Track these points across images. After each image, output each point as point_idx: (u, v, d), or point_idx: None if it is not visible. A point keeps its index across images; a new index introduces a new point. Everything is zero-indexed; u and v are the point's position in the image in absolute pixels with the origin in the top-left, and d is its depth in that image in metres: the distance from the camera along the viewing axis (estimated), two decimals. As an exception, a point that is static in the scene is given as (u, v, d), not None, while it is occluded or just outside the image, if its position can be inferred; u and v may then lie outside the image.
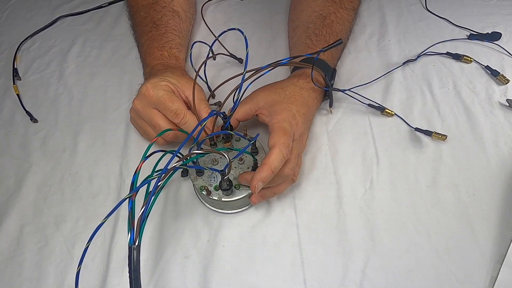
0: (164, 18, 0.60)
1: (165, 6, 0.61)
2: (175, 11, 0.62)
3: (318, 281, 0.43)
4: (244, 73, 0.42)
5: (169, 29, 0.59)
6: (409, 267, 0.43)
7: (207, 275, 0.44)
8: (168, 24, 0.59)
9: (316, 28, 0.56)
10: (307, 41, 0.56)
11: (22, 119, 0.60)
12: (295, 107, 0.47)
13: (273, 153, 0.41)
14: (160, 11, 0.61)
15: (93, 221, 0.48)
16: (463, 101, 0.57)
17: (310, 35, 0.56)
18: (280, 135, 0.42)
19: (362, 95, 0.56)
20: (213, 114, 0.43)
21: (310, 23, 0.58)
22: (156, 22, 0.59)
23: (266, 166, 0.40)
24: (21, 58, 0.69)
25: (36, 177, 0.53)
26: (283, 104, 0.47)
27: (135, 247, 0.34)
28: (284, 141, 0.42)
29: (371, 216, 0.47)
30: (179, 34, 0.60)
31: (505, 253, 0.43)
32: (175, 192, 0.50)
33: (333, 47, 0.45)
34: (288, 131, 0.43)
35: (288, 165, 0.43)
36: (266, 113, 0.48)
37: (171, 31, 0.59)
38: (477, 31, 0.65)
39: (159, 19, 0.60)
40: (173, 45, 0.57)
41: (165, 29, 0.59)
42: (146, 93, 0.47)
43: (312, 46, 0.54)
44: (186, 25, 0.64)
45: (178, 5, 0.63)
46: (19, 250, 0.47)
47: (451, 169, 0.50)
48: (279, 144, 0.41)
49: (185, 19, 0.64)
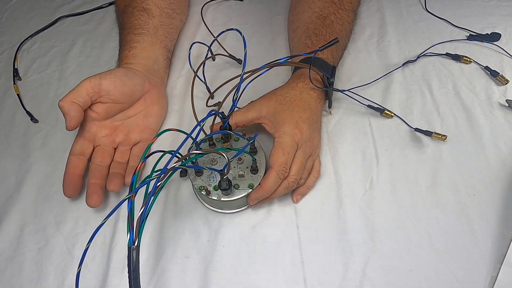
0: (131, 19, 0.58)
1: (136, 7, 0.60)
2: (145, 9, 0.60)
3: (318, 281, 0.43)
4: (242, 74, 0.43)
5: (131, 30, 0.57)
6: (409, 267, 0.43)
7: (207, 275, 0.44)
8: (132, 25, 0.58)
9: (316, 28, 0.56)
10: (307, 41, 0.56)
11: (23, 119, 0.60)
12: (297, 113, 0.47)
13: (269, 176, 0.43)
14: (131, 13, 0.59)
15: (93, 221, 0.48)
16: (462, 101, 0.57)
17: (310, 35, 0.56)
18: (278, 155, 0.43)
19: (362, 96, 0.56)
20: (212, 114, 0.43)
21: (310, 24, 0.58)
22: (124, 25, 0.59)
23: (261, 189, 0.44)
24: (22, 58, 0.69)
25: (36, 177, 0.53)
26: (285, 113, 0.47)
27: (134, 247, 0.34)
28: (281, 162, 0.43)
29: (371, 216, 0.47)
30: (142, 31, 0.57)
31: (505, 253, 0.43)
32: (174, 193, 0.50)
33: (330, 46, 0.45)
34: (288, 147, 0.44)
35: (288, 179, 0.45)
36: (270, 124, 0.48)
37: (132, 32, 0.57)
38: (477, 32, 0.65)
39: (126, 22, 0.59)
40: (127, 47, 0.56)
41: (128, 31, 0.57)
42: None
43: (311, 46, 0.54)
44: (158, 20, 0.60)
45: (151, 3, 0.60)
46: (19, 250, 0.47)
47: (451, 169, 0.50)
48: (275, 167, 0.43)
49: (158, 15, 0.61)
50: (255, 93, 0.58)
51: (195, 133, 0.42)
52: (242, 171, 0.46)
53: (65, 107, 0.45)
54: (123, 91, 0.49)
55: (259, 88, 0.57)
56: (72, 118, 0.45)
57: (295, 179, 0.45)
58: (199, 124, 0.42)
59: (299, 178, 0.46)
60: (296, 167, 0.45)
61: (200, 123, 0.42)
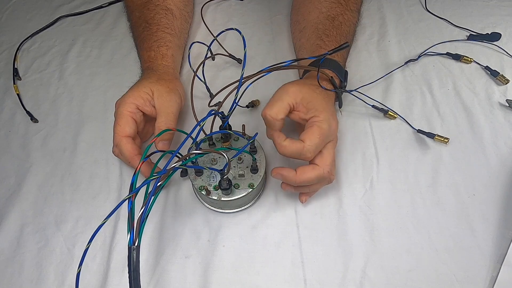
0: (156, 16, 0.60)
1: (158, 5, 0.61)
2: (169, 9, 0.62)
3: (318, 281, 0.43)
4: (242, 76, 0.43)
5: (160, 27, 0.59)
6: (409, 267, 0.43)
7: (207, 275, 0.44)
8: (160, 23, 0.60)
9: (326, 29, 0.56)
10: (318, 42, 0.55)
11: (23, 119, 0.60)
12: (331, 105, 0.47)
13: (312, 170, 0.43)
14: (153, 10, 0.61)
15: (93, 221, 0.48)
16: (463, 101, 0.57)
17: (321, 36, 0.56)
18: (315, 137, 0.42)
19: (367, 95, 0.56)
20: (212, 114, 0.43)
21: (319, 24, 0.57)
22: (149, 21, 0.60)
23: (296, 177, 0.43)
24: (22, 58, 0.69)
25: (36, 177, 0.53)
26: (322, 101, 0.45)
27: (134, 247, 0.34)
28: (327, 162, 0.43)
29: (371, 216, 0.47)
30: (171, 32, 0.60)
31: (505, 253, 0.43)
32: (174, 193, 0.50)
33: (340, 50, 0.44)
34: (325, 134, 0.43)
35: (324, 170, 0.44)
36: (304, 110, 0.45)
37: (162, 30, 0.59)
38: (477, 32, 0.65)
39: (152, 18, 0.60)
40: (162, 43, 0.57)
41: (157, 28, 0.59)
42: (115, 109, 0.50)
43: (324, 46, 0.54)
44: (180, 22, 0.63)
45: (172, 3, 0.63)
46: (19, 250, 0.47)
47: (451, 169, 0.50)
48: (325, 166, 0.43)
49: (179, 17, 0.63)
50: (255, 93, 0.58)
51: (195, 133, 0.42)
52: (242, 170, 0.46)
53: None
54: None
55: (259, 88, 0.57)
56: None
57: (330, 171, 0.44)
58: (199, 124, 0.42)
59: (332, 172, 0.45)
60: (331, 158, 0.44)
61: (200, 123, 0.42)
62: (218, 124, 0.48)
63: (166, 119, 0.49)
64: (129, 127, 0.48)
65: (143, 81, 0.52)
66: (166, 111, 0.50)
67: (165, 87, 0.51)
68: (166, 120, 0.49)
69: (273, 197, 0.49)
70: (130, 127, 0.48)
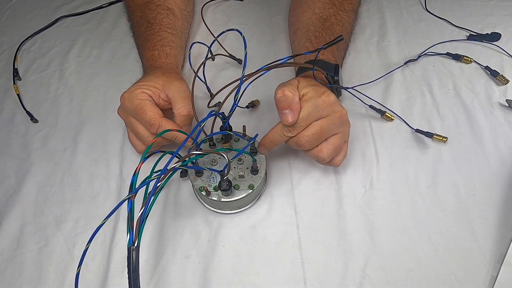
0: (158, 16, 0.60)
1: (160, 4, 0.61)
2: (170, 9, 0.62)
3: (318, 281, 0.43)
4: (242, 76, 0.43)
5: (163, 27, 0.59)
6: (409, 267, 0.43)
7: (207, 275, 0.44)
8: (162, 22, 0.60)
9: (317, 30, 0.56)
10: (307, 44, 0.56)
11: (23, 119, 0.60)
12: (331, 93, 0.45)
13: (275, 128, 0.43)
14: (155, 10, 0.61)
15: (93, 221, 0.48)
16: (462, 101, 0.57)
17: (310, 38, 0.56)
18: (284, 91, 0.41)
19: (365, 94, 0.56)
20: (212, 114, 0.43)
21: (311, 25, 0.58)
22: (151, 21, 0.60)
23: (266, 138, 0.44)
24: (22, 58, 0.69)
25: (36, 177, 0.53)
26: (323, 87, 0.45)
27: (134, 248, 0.34)
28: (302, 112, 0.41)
29: (371, 216, 0.47)
30: (173, 32, 0.60)
31: (505, 253, 0.43)
32: (174, 193, 0.50)
33: (334, 44, 0.44)
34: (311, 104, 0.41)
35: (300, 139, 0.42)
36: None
37: (164, 29, 0.59)
38: (477, 32, 0.65)
39: (153, 18, 0.60)
40: (165, 43, 0.57)
41: (159, 27, 0.59)
42: (123, 104, 0.48)
43: (312, 48, 0.55)
44: (181, 22, 0.63)
45: (173, 3, 0.63)
46: (19, 250, 0.47)
47: (451, 169, 0.50)
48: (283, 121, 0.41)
49: (181, 17, 0.63)
50: (255, 92, 0.58)
51: (195, 133, 0.42)
52: (242, 171, 0.46)
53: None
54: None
55: (259, 88, 0.57)
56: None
57: (307, 141, 0.42)
58: (199, 124, 0.42)
59: (315, 145, 0.43)
60: (317, 134, 0.42)
61: (200, 123, 0.42)
62: (218, 125, 0.48)
63: (184, 104, 0.48)
64: (156, 108, 0.47)
65: (148, 76, 0.51)
66: (181, 96, 0.49)
67: (172, 77, 0.51)
68: (184, 104, 0.48)
69: (273, 198, 0.49)
70: (157, 108, 0.47)
